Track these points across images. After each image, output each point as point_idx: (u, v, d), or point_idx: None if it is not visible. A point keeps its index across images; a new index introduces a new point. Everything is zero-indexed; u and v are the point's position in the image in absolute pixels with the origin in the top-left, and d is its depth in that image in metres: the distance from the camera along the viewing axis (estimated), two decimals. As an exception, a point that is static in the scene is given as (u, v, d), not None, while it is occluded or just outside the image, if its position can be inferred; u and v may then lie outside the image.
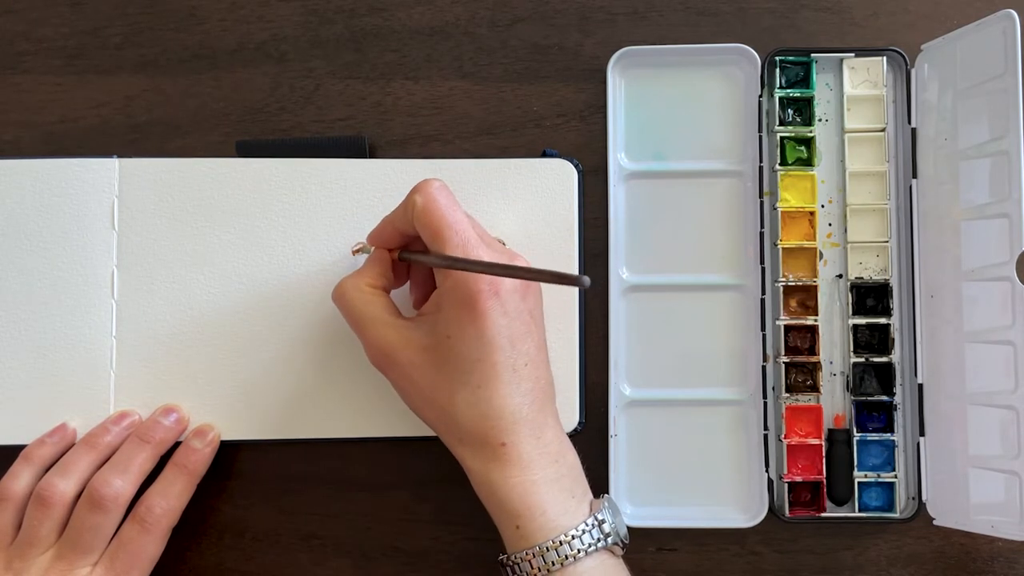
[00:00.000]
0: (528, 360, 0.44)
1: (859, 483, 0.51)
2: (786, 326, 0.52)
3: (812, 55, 0.52)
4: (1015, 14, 0.46)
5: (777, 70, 0.52)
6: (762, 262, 0.52)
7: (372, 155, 0.53)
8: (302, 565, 0.52)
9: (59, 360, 0.51)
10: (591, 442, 0.51)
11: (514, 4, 0.54)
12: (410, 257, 0.47)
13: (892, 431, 0.51)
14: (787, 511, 0.51)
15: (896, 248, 0.52)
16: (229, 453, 0.52)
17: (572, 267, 0.52)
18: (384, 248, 0.48)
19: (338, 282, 0.47)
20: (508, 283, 0.44)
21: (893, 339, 0.52)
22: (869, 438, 0.51)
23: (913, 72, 0.52)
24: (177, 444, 0.50)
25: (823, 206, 0.53)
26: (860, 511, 0.51)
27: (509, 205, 0.52)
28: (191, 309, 0.52)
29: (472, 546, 0.52)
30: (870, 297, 0.52)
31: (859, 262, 0.52)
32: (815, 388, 0.51)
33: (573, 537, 0.43)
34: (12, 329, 0.51)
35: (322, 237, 0.52)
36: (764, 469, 0.51)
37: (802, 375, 0.52)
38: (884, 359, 0.51)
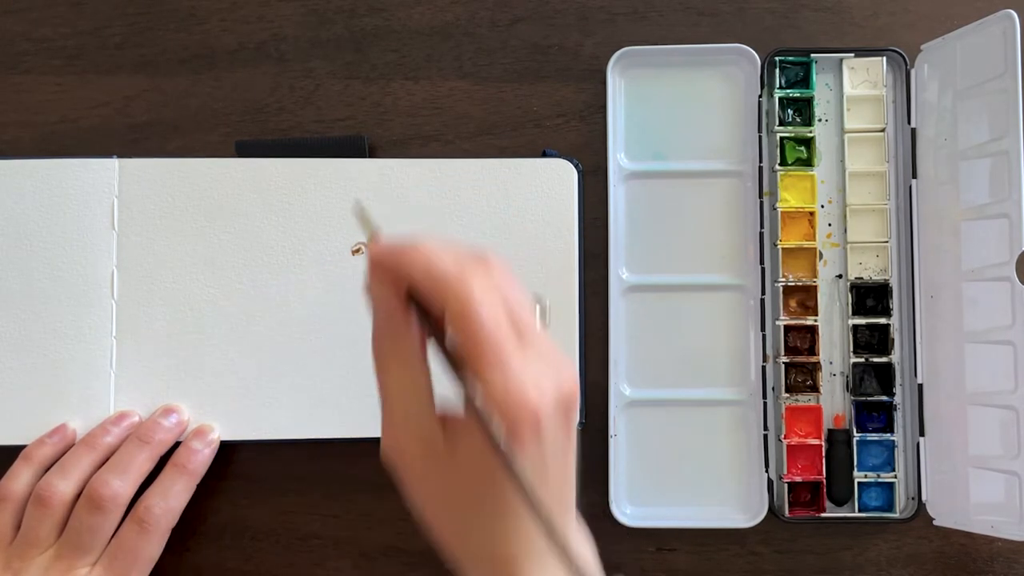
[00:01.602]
0: (553, 491, 0.36)
1: (859, 483, 0.51)
2: (786, 326, 0.51)
3: (812, 55, 0.52)
4: (1015, 14, 0.46)
5: (777, 70, 0.52)
6: (762, 262, 0.52)
7: (372, 155, 0.53)
8: (302, 565, 0.52)
9: (59, 360, 0.51)
10: (591, 442, 0.51)
11: (514, 4, 0.54)
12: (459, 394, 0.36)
13: (892, 431, 0.51)
14: (787, 511, 0.51)
15: (896, 248, 0.52)
16: (229, 453, 0.52)
17: (572, 267, 0.52)
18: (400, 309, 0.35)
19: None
20: (551, 407, 0.34)
21: (893, 339, 0.52)
22: (869, 438, 0.51)
23: (913, 72, 0.52)
24: (177, 444, 0.50)
25: (823, 206, 0.53)
26: (860, 511, 0.51)
27: (509, 205, 0.52)
28: (191, 309, 0.52)
29: (472, 546, 0.52)
30: (870, 297, 0.52)
31: (859, 262, 0.52)
32: (815, 388, 0.51)
33: None
34: (12, 329, 0.51)
35: (322, 237, 0.52)
36: (764, 469, 0.51)
37: (802, 375, 0.52)
38: (884, 359, 0.51)
